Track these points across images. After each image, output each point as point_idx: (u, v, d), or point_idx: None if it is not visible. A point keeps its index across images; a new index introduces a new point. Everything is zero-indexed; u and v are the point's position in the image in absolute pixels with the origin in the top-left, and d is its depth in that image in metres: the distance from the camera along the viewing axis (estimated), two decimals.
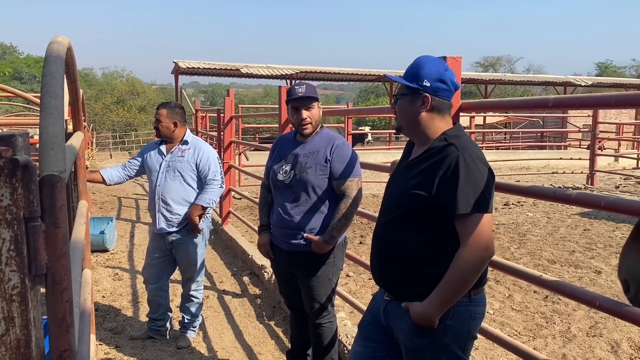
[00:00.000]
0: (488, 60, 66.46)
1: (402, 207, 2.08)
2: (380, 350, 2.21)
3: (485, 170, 1.96)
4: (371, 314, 2.29)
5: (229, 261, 6.44)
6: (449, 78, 2.03)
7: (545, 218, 8.48)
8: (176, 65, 20.71)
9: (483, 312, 2.11)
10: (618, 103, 1.90)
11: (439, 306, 1.95)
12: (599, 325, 4.21)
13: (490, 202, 1.94)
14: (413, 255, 2.05)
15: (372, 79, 27.79)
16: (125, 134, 33.29)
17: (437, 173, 1.95)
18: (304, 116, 3.04)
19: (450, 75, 2.04)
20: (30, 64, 56.88)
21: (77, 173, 2.60)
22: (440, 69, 2.03)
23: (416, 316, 1.99)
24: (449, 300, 1.95)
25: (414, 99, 2.03)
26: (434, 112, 2.03)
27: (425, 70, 2.01)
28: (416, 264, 2.04)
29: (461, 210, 1.90)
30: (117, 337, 4.20)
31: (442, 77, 2.02)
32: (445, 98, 2.04)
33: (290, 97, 3.05)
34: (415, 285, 2.04)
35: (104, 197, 10.63)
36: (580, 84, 26.36)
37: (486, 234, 1.91)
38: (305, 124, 3.05)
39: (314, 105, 3.07)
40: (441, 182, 1.93)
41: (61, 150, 0.97)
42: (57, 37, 1.35)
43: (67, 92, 2.26)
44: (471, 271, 1.92)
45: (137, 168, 4.19)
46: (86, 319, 1.64)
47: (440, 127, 2.06)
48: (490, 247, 1.93)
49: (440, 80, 2.01)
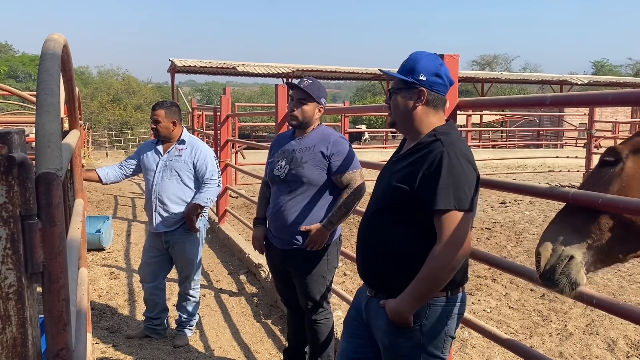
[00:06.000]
0: (485, 59, 66.56)
1: (386, 201, 2.09)
2: (364, 347, 2.21)
3: (469, 168, 1.95)
4: (355, 309, 2.29)
5: (226, 260, 6.43)
6: (444, 73, 2.03)
7: (541, 216, 8.50)
8: (172, 64, 20.66)
9: (461, 312, 2.09)
10: (615, 101, 1.90)
11: (411, 302, 1.94)
12: (596, 323, 4.22)
13: (470, 200, 1.92)
14: (393, 250, 2.04)
15: (369, 78, 27.79)
16: (121, 133, 33.19)
17: (421, 167, 1.94)
18: (292, 108, 3.09)
19: (445, 70, 2.04)
20: (25, 62, 56.63)
21: (73, 171, 2.60)
22: (436, 64, 2.03)
23: (390, 312, 1.99)
24: (422, 297, 1.94)
25: (409, 93, 2.03)
26: (429, 106, 2.04)
27: (422, 64, 2.00)
28: (396, 259, 2.03)
29: (439, 205, 1.89)
30: (114, 336, 4.19)
31: (438, 71, 2.01)
32: (440, 93, 2.04)
33: (292, 84, 3.12)
34: (394, 280, 2.03)
35: (100, 196, 10.61)
36: (576, 83, 26.41)
37: (463, 232, 1.89)
38: (292, 116, 3.09)
39: (307, 103, 3.07)
40: (424, 176, 1.93)
41: (58, 147, 0.96)
42: (53, 34, 1.35)
43: (63, 90, 2.25)
44: (444, 269, 1.90)
45: (133, 167, 4.18)
46: (83, 317, 1.63)
47: (432, 122, 2.06)
48: (465, 246, 1.91)
49: (436, 74, 2.01)
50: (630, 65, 63.93)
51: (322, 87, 3.16)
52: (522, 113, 23.28)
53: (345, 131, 12.49)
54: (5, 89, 7.65)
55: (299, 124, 3.10)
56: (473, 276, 5.40)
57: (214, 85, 72.96)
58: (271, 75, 22.94)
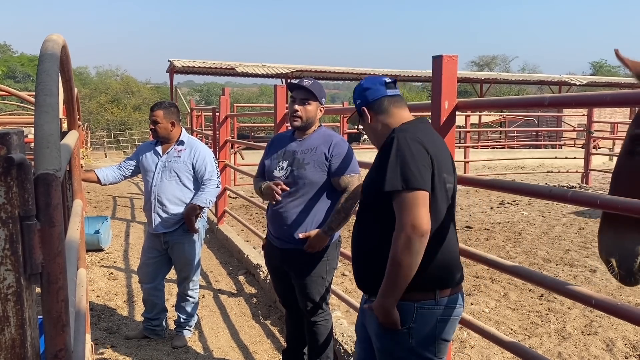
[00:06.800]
0: (483, 60, 66.60)
1: (363, 202, 2.19)
2: (370, 351, 2.22)
3: (418, 148, 1.95)
4: (360, 313, 2.32)
5: (225, 260, 6.43)
6: (368, 82, 2.21)
7: (540, 217, 8.50)
8: (171, 64, 20.63)
9: (452, 314, 2.06)
10: (613, 101, 1.90)
11: (387, 295, 1.94)
12: (594, 324, 4.22)
13: (420, 178, 1.90)
14: (374, 251, 2.05)
15: None
16: (120, 133, 33.18)
17: (381, 158, 2.03)
18: (296, 108, 3.06)
19: (368, 80, 2.23)
20: (24, 62, 56.58)
21: (72, 172, 2.59)
22: (361, 83, 2.25)
23: (374, 311, 2.01)
24: (394, 287, 1.92)
25: (361, 118, 2.23)
26: (378, 115, 2.17)
27: (354, 95, 2.26)
28: (377, 260, 2.02)
29: (387, 187, 1.92)
30: (113, 337, 4.19)
31: (362, 86, 2.21)
32: (375, 97, 2.17)
33: (294, 83, 3.08)
34: (379, 280, 2.00)
35: (98, 197, 10.60)
36: (575, 83, 26.42)
37: (413, 212, 1.87)
38: (296, 117, 3.06)
39: (311, 103, 3.07)
40: (378, 165, 2.02)
41: (56, 148, 0.96)
42: (51, 35, 1.34)
43: (62, 90, 2.25)
44: (402, 252, 1.87)
45: (132, 168, 4.18)
46: (81, 318, 1.63)
47: (391, 123, 2.15)
48: (417, 225, 1.86)
49: (362, 90, 2.20)
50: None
51: (323, 87, 3.16)
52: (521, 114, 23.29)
53: (344, 132, 12.50)
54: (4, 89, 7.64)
55: (303, 124, 3.08)
56: (472, 277, 5.40)
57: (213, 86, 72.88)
58: (270, 75, 22.91)
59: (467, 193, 10.72)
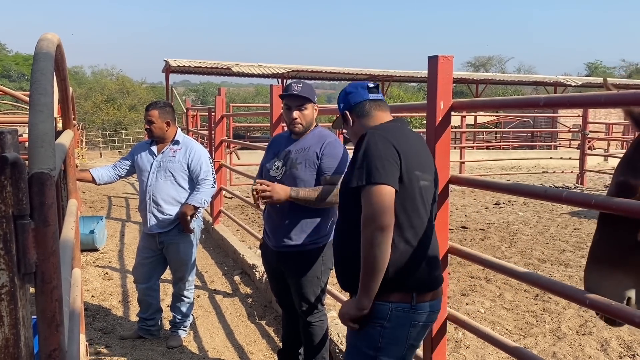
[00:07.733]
0: (479, 60, 66.83)
1: (340, 198, 2.22)
2: None
3: (386, 145, 1.96)
4: None
5: (220, 260, 6.42)
6: (351, 87, 2.26)
7: (535, 217, 8.53)
8: (167, 64, 20.61)
9: (426, 320, 2.05)
10: (608, 102, 1.91)
11: (361, 292, 1.96)
12: (589, 324, 4.24)
13: (384, 173, 1.91)
14: (352, 248, 2.04)
15: (364, 79, 27.82)
16: (115, 133, 33.08)
17: (352, 157, 2.07)
18: (294, 116, 3.04)
19: (351, 86, 2.27)
20: (18, 61, 56.34)
21: (66, 171, 2.58)
22: (344, 89, 2.31)
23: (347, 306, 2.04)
24: (367, 282, 1.93)
25: (344, 122, 2.28)
26: (360, 118, 2.21)
27: (338, 99, 2.32)
28: (355, 257, 2.01)
29: (353, 183, 1.95)
30: (107, 337, 4.18)
31: (345, 91, 2.26)
32: (357, 101, 2.21)
33: (285, 93, 3.06)
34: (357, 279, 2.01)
35: (93, 196, 10.57)
36: (570, 84, 26.52)
37: (374, 205, 1.88)
38: (296, 124, 3.06)
39: (307, 107, 3.06)
40: (350, 163, 2.08)
41: (51, 147, 0.95)
42: (46, 34, 1.34)
43: (57, 90, 2.24)
44: (366, 246, 1.89)
45: (127, 168, 4.17)
46: (76, 318, 1.62)
47: (372, 125, 2.17)
48: (377, 218, 1.86)
49: (345, 94, 2.26)
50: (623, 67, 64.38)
51: (311, 87, 3.15)
52: (516, 114, 23.37)
53: (340, 132, 12.49)
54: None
55: (304, 129, 3.09)
56: (467, 277, 5.41)
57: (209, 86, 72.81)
58: (266, 75, 22.92)
59: (462, 193, 10.75)
